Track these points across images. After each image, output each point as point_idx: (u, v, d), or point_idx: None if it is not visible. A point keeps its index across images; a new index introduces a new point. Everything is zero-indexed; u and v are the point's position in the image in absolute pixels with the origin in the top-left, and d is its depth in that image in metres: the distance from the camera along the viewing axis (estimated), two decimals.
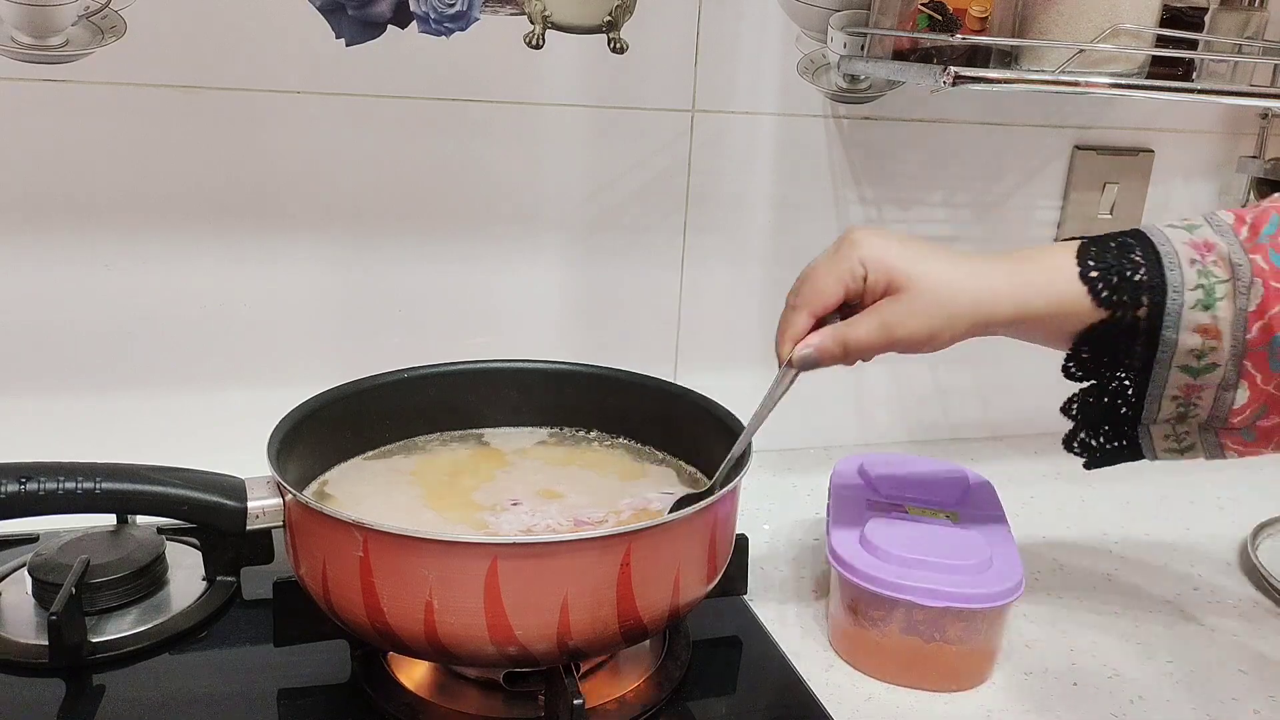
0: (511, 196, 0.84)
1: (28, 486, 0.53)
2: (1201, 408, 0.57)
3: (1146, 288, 0.56)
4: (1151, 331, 0.56)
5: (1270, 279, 0.54)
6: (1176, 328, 0.55)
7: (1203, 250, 0.56)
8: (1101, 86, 0.74)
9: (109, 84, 0.73)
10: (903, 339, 0.57)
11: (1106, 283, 0.56)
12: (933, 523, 0.67)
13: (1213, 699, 0.64)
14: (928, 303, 0.57)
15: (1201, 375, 0.56)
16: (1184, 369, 0.56)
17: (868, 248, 0.57)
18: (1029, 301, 0.57)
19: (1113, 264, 0.56)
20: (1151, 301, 0.56)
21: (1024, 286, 0.57)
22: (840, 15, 0.86)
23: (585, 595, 0.51)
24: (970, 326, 0.57)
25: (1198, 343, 0.56)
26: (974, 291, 0.57)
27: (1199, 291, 0.55)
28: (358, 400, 0.68)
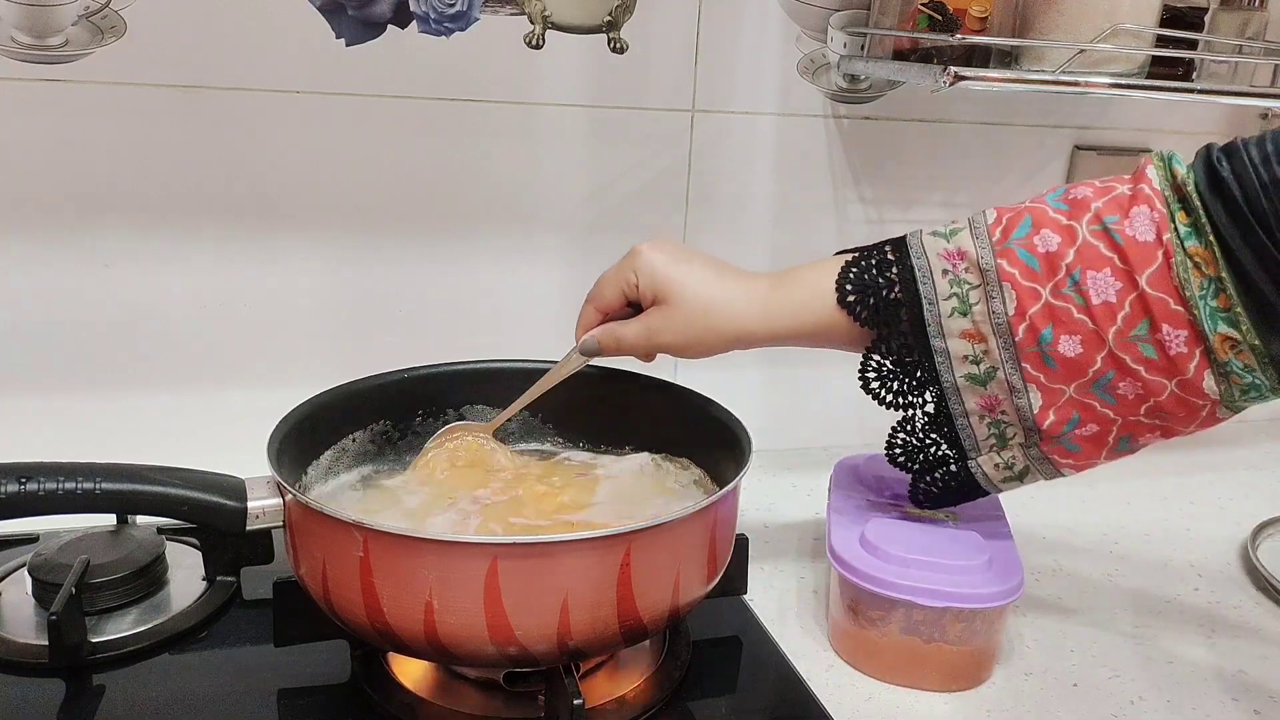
0: (511, 196, 0.84)
1: (28, 486, 0.53)
2: (1010, 422, 0.60)
3: (903, 304, 0.60)
4: (922, 342, 0.60)
5: (1021, 279, 0.57)
6: (941, 335, 0.59)
7: (955, 259, 0.59)
8: (1101, 86, 0.74)
9: (109, 84, 0.73)
10: (662, 345, 0.63)
11: (864, 304, 0.61)
12: (933, 523, 0.67)
13: (1213, 699, 0.64)
14: (685, 316, 0.62)
15: (989, 383, 0.59)
16: (969, 379, 0.59)
17: (643, 260, 0.63)
18: (782, 324, 0.62)
19: (869, 284, 0.61)
20: (910, 315, 0.60)
21: (780, 310, 0.62)
22: (840, 15, 0.86)
23: (585, 595, 0.51)
24: (726, 342, 0.63)
25: (967, 348, 0.59)
26: (729, 312, 0.62)
27: (953, 300, 0.59)
28: (358, 400, 0.68)
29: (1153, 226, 0.54)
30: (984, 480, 0.63)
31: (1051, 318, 0.56)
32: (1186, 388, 0.55)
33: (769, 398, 0.96)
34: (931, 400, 0.61)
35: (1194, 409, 0.56)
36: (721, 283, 0.63)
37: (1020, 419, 0.60)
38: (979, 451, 0.62)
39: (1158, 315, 0.54)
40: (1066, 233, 0.56)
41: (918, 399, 0.62)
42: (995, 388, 0.59)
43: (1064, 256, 0.56)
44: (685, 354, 0.63)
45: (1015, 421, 0.60)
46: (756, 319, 0.62)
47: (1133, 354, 0.55)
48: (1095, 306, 0.55)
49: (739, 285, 0.63)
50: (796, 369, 0.96)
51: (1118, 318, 0.55)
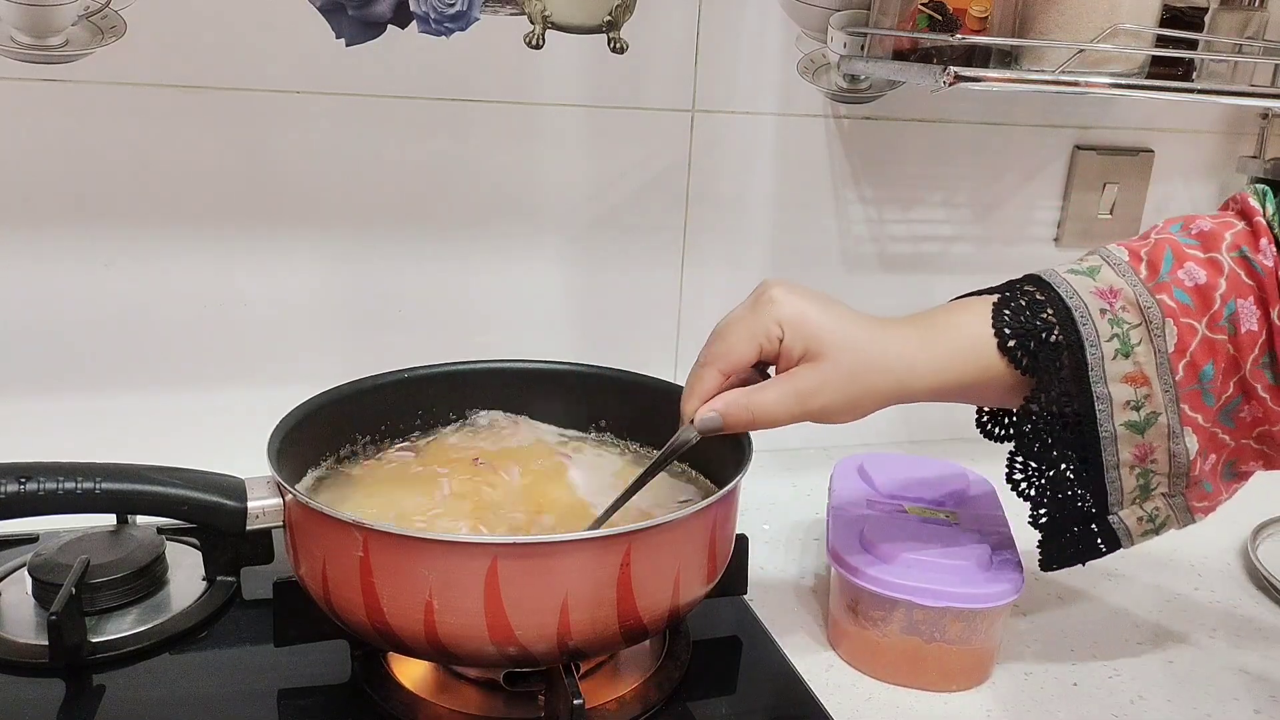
0: (511, 196, 0.84)
1: (28, 486, 0.53)
2: (1159, 470, 0.57)
3: (1064, 347, 0.55)
4: (1082, 388, 0.55)
5: (1180, 316, 0.55)
6: (1104, 379, 0.55)
7: (1110, 297, 0.56)
8: (1101, 86, 0.74)
9: (109, 84, 0.73)
10: (816, 410, 0.54)
11: (1024, 349, 0.55)
12: (933, 523, 0.67)
13: (1213, 699, 0.64)
14: (845, 374, 0.54)
15: (1147, 430, 0.56)
16: (1129, 426, 0.56)
17: (787, 308, 0.54)
18: (946, 372, 0.55)
19: (1028, 327, 0.55)
20: (1072, 360, 0.55)
21: (942, 356, 0.56)
22: (840, 15, 0.86)
23: (585, 595, 0.51)
24: (887, 398, 0.55)
25: (1130, 393, 0.55)
26: (893, 363, 0.55)
27: (1114, 341, 0.55)
28: (358, 400, 0.68)
29: (1273, 258, 0.54)
30: (1124, 535, 0.59)
31: (1211, 353, 0.54)
32: None
33: None
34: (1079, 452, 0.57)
35: None
36: (881, 334, 0.55)
37: (1172, 466, 0.57)
38: (1122, 505, 0.58)
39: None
40: (1209, 265, 0.55)
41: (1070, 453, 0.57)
42: (1153, 434, 0.56)
43: (1216, 288, 0.54)
44: (832, 419, 0.55)
45: (1165, 470, 0.57)
46: (920, 373, 0.55)
47: (1262, 382, 0.55)
48: (1242, 335, 0.54)
49: (891, 335, 0.55)
50: None
51: (1256, 345, 0.54)
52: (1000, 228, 0.98)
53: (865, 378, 0.54)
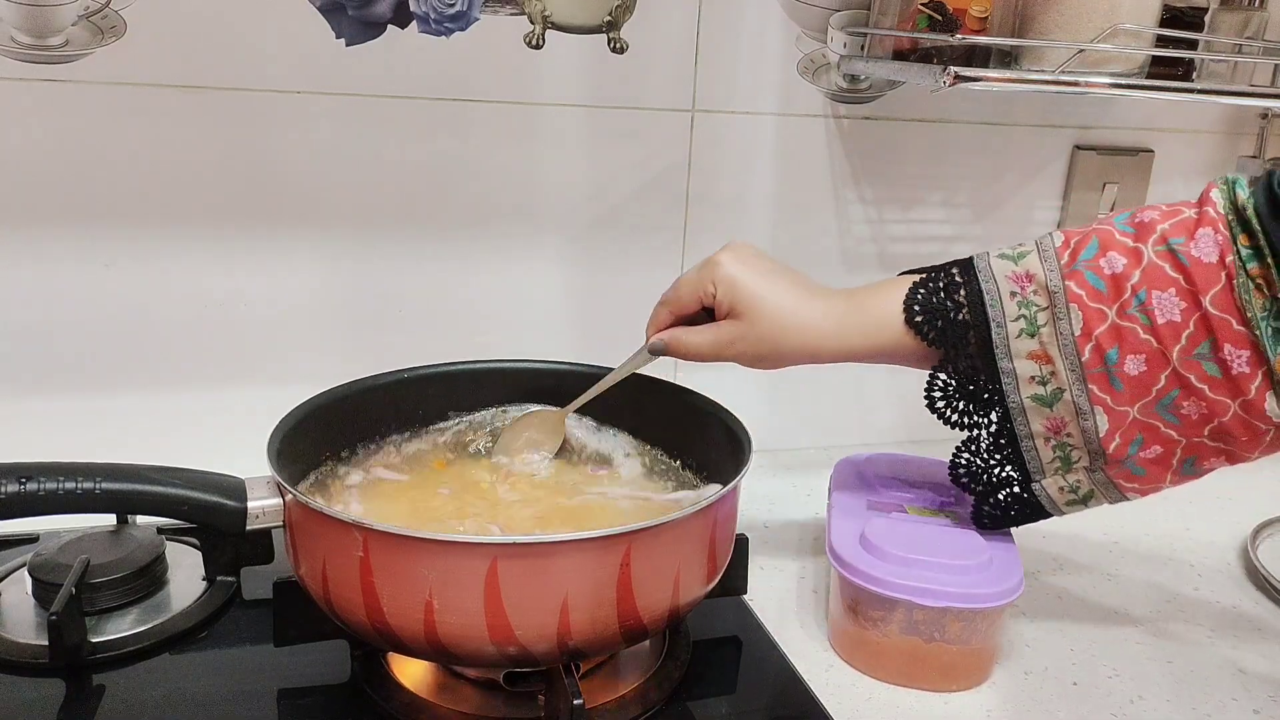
0: (511, 196, 0.84)
1: (28, 486, 0.53)
2: (1075, 445, 0.60)
3: (970, 325, 0.60)
4: (989, 363, 0.60)
5: (1088, 300, 0.57)
6: (1009, 356, 0.60)
7: (1023, 281, 0.60)
8: (1101, 86, 0.74)
9: (109, 84, 0.73)
10: (731, 356, 0.64)
11: (932, 326, 0.61)
12: (933, 523, 0.67)
13: (1213, 699, 0.64)
14: (759, 332, 0.62)
15: (1055, 404, 0.59)
16: (1035, 399, 0.60)
17: (724, 271, 0.63)
18: (853, 345, 0.62)
19: (936, 307, 0.61)
20: (977, 337, 0.60)
21: (852, 331, 0.62)
22: (840, 15, 0.86)
23: (585, 595, 0.51)
24: (795, 358, 0.63)
25: (1034, 369, 0.59)
26: (802, 331, 0.62)
27: (1020, 321, 0.59)
28: (358, 400, 0.68)
29: (1216, 248, 0.55)
30: (1048, 503, 0.63)
31: (1118, 338, 0.57)
32: (1249, 409, 0.55)
33: (769, 398, 0.96)
34: (996, 422, 0.62)
35: (1257, 432, 0.57)
36: (798, 301, 0.63)
37: (1086, 442, 0.60)
38: (1044, 474, 0.62)
39: (1220, 335, 0.54)
40: (1132, 254, 0.57)
41: (983, 419, 0.62)
42: (1061, 409, 0.59)
43: (1129, 278, 0.57)
44: (753, 366, 0.64)
45: (1081, 445, 0.60)
46: (829, 337, 0.62)
47: (1196, 372, 0.55)
48: (1160, 326, 0.56)
49: (815, 304, 0.63)
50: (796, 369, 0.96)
51: (1182, 336, 0.55)
52: (1000, 228, 0.98)
53: (775, 339, 0.62)
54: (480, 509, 0.64)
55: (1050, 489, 0.62)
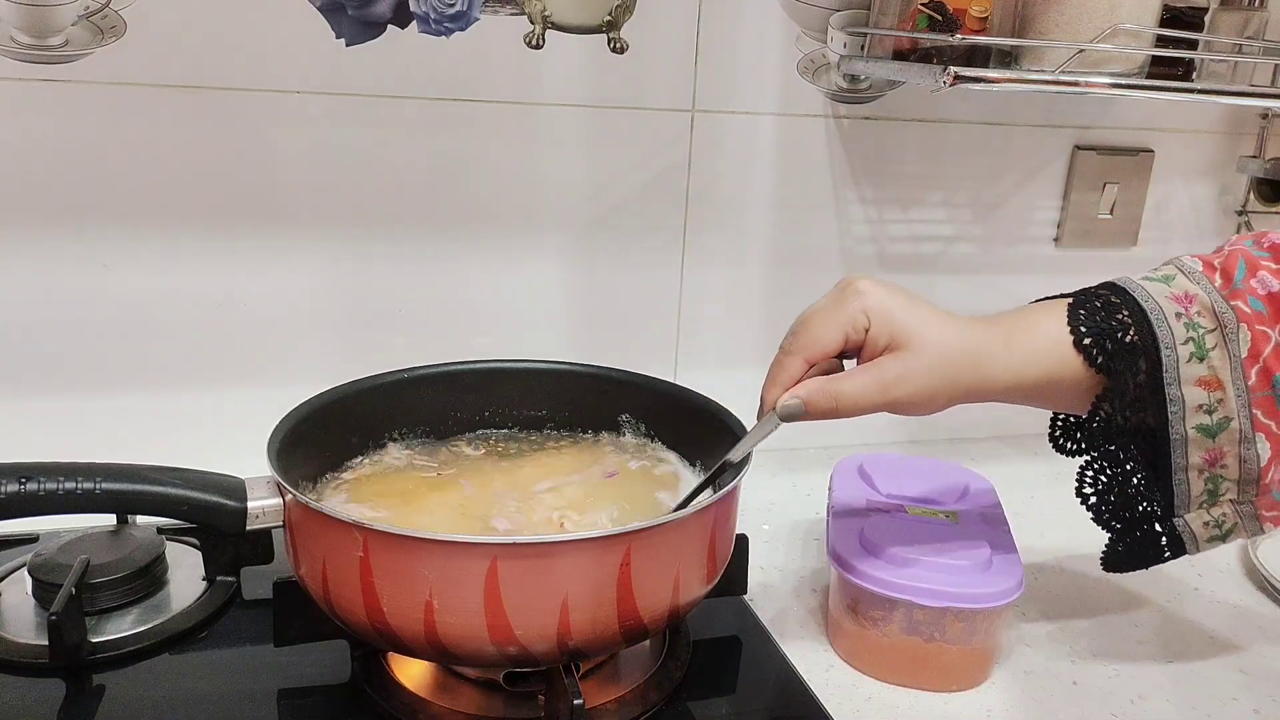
0: (512, 196, 0.84)
1: (28, 486, 0.53)
2: (1228, 476, 0.57)
3: (1140, 349, 0.56)
4: (1155, 391, 0.56)
5: (1254, 323, 0.55)
6: (1178, 382, 0.55)
7: (1185, 302, 0.56)
8: (1101, 86, 0.74)
9: (109, 84, 0.73)
10: (900, 399, 0.55)
11: (1100, 348, 0.56)
12: (933, 523, 0.67)
13: (1213, 699, 0.64)
14: (929, 363, 0.54)
15: (1219, 435, 0.56)
16: (1200, 430, 0.56)
17: (873, 299, 0.55)
18: (1024, 370, 0.56)
19: (1103, 327, 0.56)
20: (1148, 361, 0.56)
21: (1020, 354, 0.56)
22: (840, 15, 0.86)
23: (585, 595, 0.51)
24: (968, 393, 0.56)
25: (1203, 397, 0.55)
26: (976, 357, 0.55)
27: (1189, 345, 0.55)
28: (358, 400, 0.68)
29: None
30: (1189, 539, 0.59)
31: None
32: None
33: None
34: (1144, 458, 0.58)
35: None
36: (959, 327, 0.56)
37: (1242, 471, 0.56)
38: (1188, 508, 0.58)
39: None
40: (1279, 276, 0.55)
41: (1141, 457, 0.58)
42: (1224, 439, 0.56)
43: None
44: (913, 412, 0.56)
45: (1234, 476, 0.57)
46: (1000, 368, 0.56)
47: None
48: None
49: (974, 328, 0.56)
50: None
51: None
52: (1000, 228, 0.98)
53: (948, 370, 0.55)
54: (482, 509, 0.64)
55: (1194, 523, 0.58)
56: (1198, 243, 1.04)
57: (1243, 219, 1.03)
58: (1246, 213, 1.03)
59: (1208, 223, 1.04)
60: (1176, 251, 0.61)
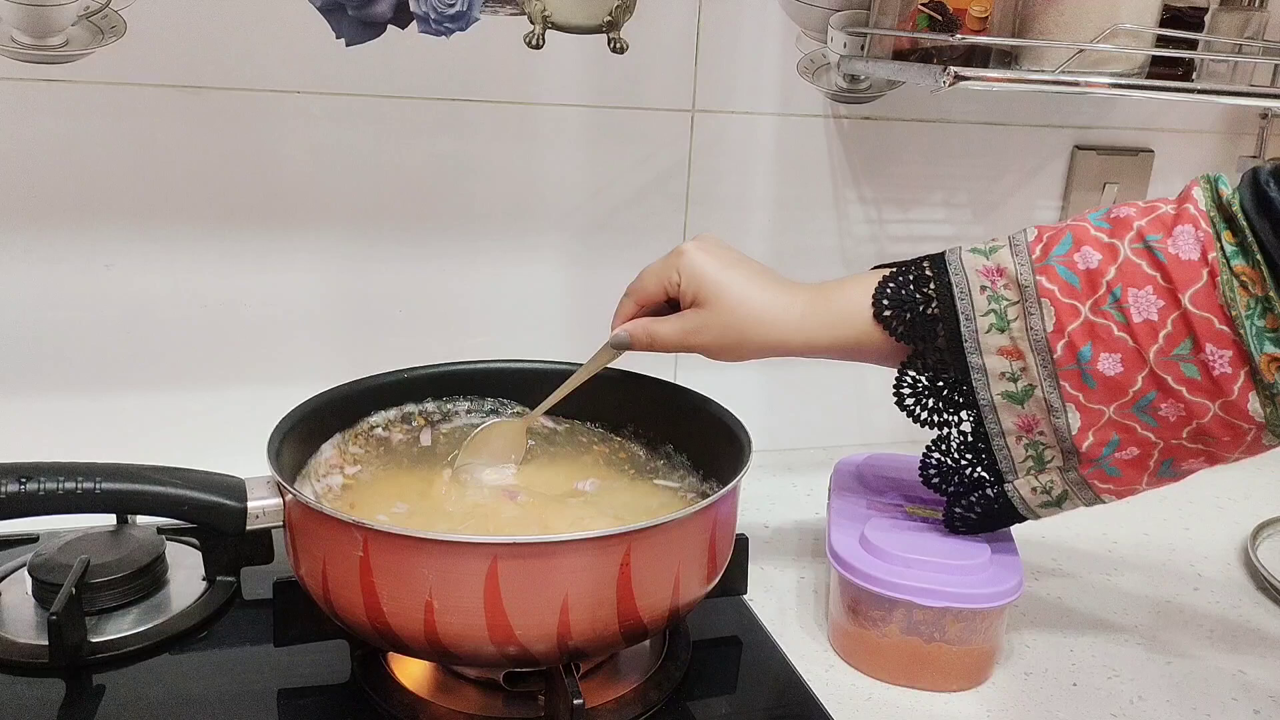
0: (512, 196, 0.84)
1: (28, 486, 0.53)
2: (1047, 444, 0.59)
3: (939, 319, 0.59)
4: (958, 359, 0.59)
5: (1060, 295, 0.56)
6: (978, 351, 0.59)
7: (994, 275, 0.59)
8: (1101, 86, 0.74)
9: (109, 84, 0.73)
10: (695, 346, 0.63)
11: (900, 319, 0.60)
12: (933, 523, 0.67)
13: (1213, 699, 0.64)
14: (723, 322, 0.62)
15: (1026, 401, 0.58)
16: (1006, 396, 0.59)
17: (688, 259, 0.63)
18: (818, 339, 0.62)
19: (905, 299, 0.60)
20: (946, 330, 0.59)
21: (818, 324, 0.62)
22: (840, 15, 0.86)
23: (585, 595, 0.51)
24: (760, 350, 0.62)
25: (1005, 365, 0.58)
26: (768, 322, 0.62)
27: (990, 316, 0.58)
28: (358, 400, 0.68)
29: (1198, 245, 0.53)
30: (1021, 505, 0.61)
31: (1091, 335, 0.55)
32: (1231, 410, 0.54)
33: (769, 398, 0.96)
34: (968, 420, 0.61)
35: (1239, 433, 0.55)
36: (763, 292, 0.62)
37: (1058, 440, 0.58)
38: (1016, 474, 0.60)
39: (1201, 334, 0.53)
40: (1108, 250, 0.56)
41: (954, 418, 0.61)
42: (1033, 406, 0.58)
43: (1104, 274, 0.55)
44: (717, 357, 0.63)
45: (1053, 444, 0.59)
46: (793, 330, 0.62)
47: (1174, 374, 0.54)
48: (1136, 324, 0.54)
49: (780, 296, 0.62)
50: (796, 369, 0.96)
51: (1159, 336, 0.54)
52: (1000, 228, 0.98)
53: (742, 327, 0.62)
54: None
55: (1023, 489, 0.61)
56: None
57: None
58: None
59: None
60: None
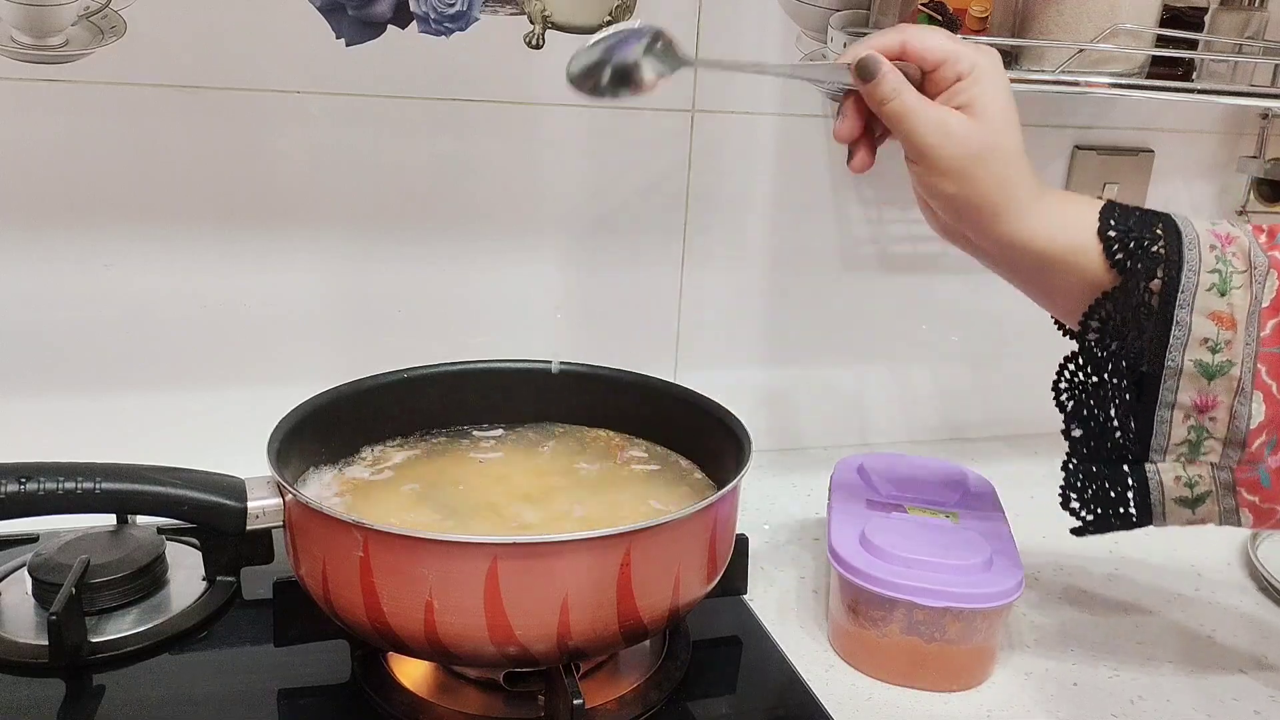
0: (511, 197, 0.84)
1: (28, 486, 0.53)
2: (1215, 433, 0.54)
3: (1162, 260, 0.54)
4: (1164, 311, 0.54)
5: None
6: (1190, 308, 0.53)
7: (1224, 240, 0.54)
8: (1101, 86, 0.74)
9: (109, 84, 0.73)
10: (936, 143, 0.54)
11: (1123, 245, 0.54)
12: (933, 523, 0.67)
13: (1213, 699, 0.64)
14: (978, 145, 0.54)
15: (1216, 377, 0.53)
16: (1198, 366, 0.53)
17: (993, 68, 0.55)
18: (1037, 231, 0.55)
19: (1132, 229, 0.54)
20: (1166, 275, 0.54)
21: (1043, 216, 0.55)
22: (840, 15, 0.86)
23: (585, 595, 0.51)
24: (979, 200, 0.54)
25: (1212, 331, 0.53)
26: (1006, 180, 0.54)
27: (1215, 275, 0.53)
28: (358, 400, 0.68)
29: None
30: (1156, 491, 0.56)
31: None
32: None
33: (769, 398, 0.96)
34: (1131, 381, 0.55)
35: None
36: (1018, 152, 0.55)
37: (1228, 430, 0.54)
38: (1164, 455, 0.55)
39: None
40: None
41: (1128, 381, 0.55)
42: (1219, 385, 0.53)
43: None
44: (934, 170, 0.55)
45: (1220, 434, 0.54)
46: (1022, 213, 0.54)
47: None
48: None
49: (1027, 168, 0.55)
50: (797, 369, 0.96)
51: None
52: None
53: (989, 164, 0.54)
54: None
55: (1165, 475, 0.55)
56: None
57: (1243, 219, 1.03)
58: (1246, 213, 1.03)
59: None
60: None
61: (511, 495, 0.65)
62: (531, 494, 0.66)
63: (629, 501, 0.65)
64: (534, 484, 0.67)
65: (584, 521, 0.62)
